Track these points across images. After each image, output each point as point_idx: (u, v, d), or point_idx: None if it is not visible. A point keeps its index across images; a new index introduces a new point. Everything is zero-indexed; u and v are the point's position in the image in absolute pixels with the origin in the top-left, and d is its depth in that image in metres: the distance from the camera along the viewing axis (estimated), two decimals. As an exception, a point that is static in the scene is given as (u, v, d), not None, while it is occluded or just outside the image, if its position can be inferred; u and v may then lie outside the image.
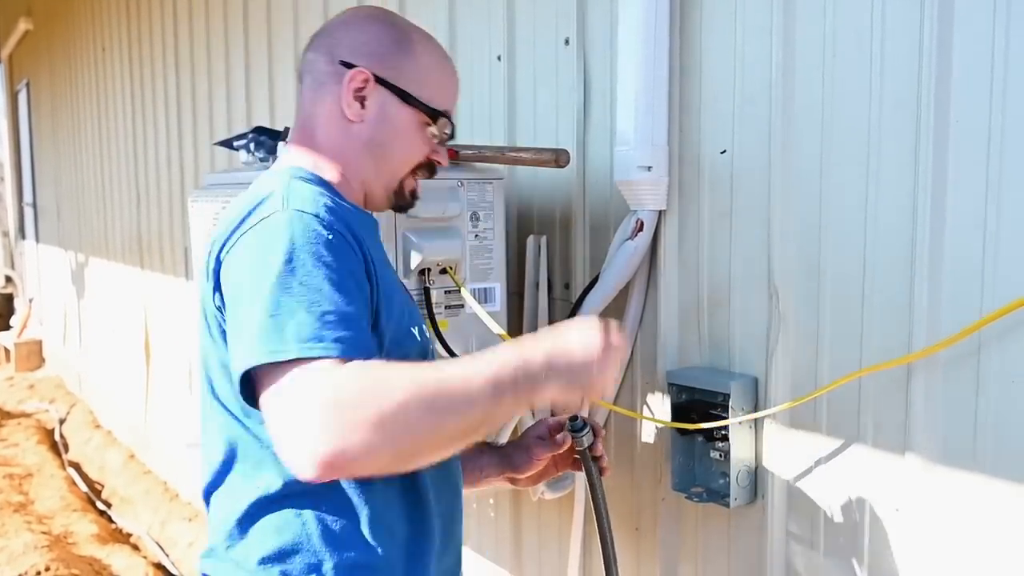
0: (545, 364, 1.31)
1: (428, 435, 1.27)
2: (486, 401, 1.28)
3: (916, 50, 1.56)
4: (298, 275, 1.30)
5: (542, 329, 1.46)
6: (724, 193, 1.93)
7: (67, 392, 9.08)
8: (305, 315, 1.27)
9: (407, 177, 1.64)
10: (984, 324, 1.46)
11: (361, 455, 1.21)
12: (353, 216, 1.49)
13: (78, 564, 4.79)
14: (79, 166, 8.23)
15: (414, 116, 1.60)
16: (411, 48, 1.61)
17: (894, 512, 1.65)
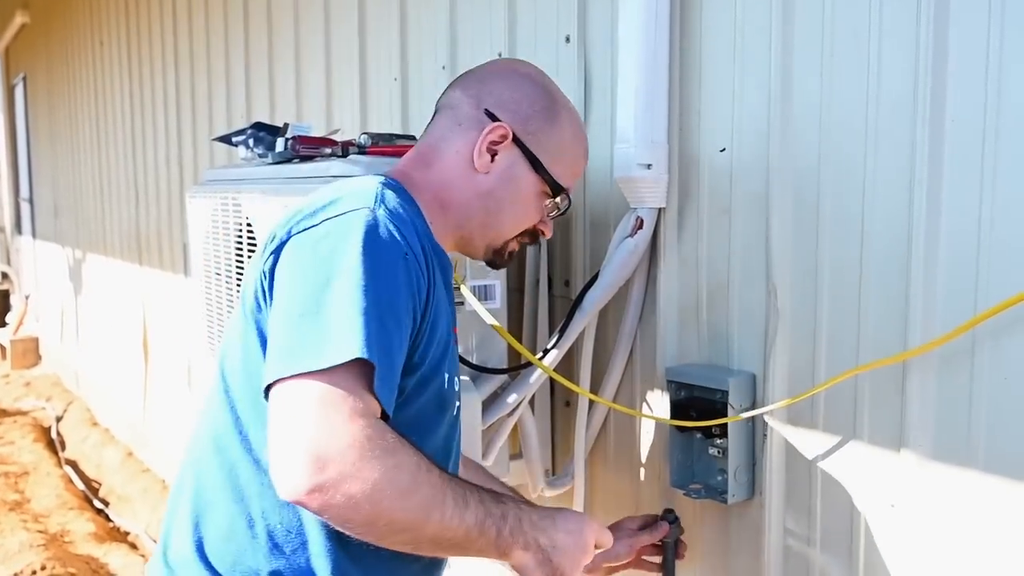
0: (535, 537, 1.42)
1: (404, 534, 1.30)
2: (465, 538, 1.34)
3: (913, 50, 1.60)
4: (363, 281, 1.29)
5: (549, 513, 1.49)
6: (723, 191, 1.96)
7: (64, 389, 9.11)
8: (358, 326, 1.26)
9: (512, 240, 1.70)
10: (978, 322, 1.50)
11: (342, 510, 1.23)
12: (429, 242, 1.49)
13: (74, 563, 4.82)
14: (77, 162, 8.25)
15: (538, 184, 1.65)
16: (556, 119, 1.67)
17: (889, 508, 1.68)
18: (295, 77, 3.93)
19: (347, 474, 1.21)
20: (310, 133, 2.39)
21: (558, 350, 2.14)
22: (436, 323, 1.45)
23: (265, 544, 1.43)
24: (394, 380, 1.33)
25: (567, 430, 2.41)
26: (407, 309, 1.35)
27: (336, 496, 1.21)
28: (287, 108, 4.02)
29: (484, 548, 1.37)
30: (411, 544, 1.32)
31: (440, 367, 1.50)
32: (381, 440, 1.25)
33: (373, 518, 1.25)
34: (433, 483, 1.30)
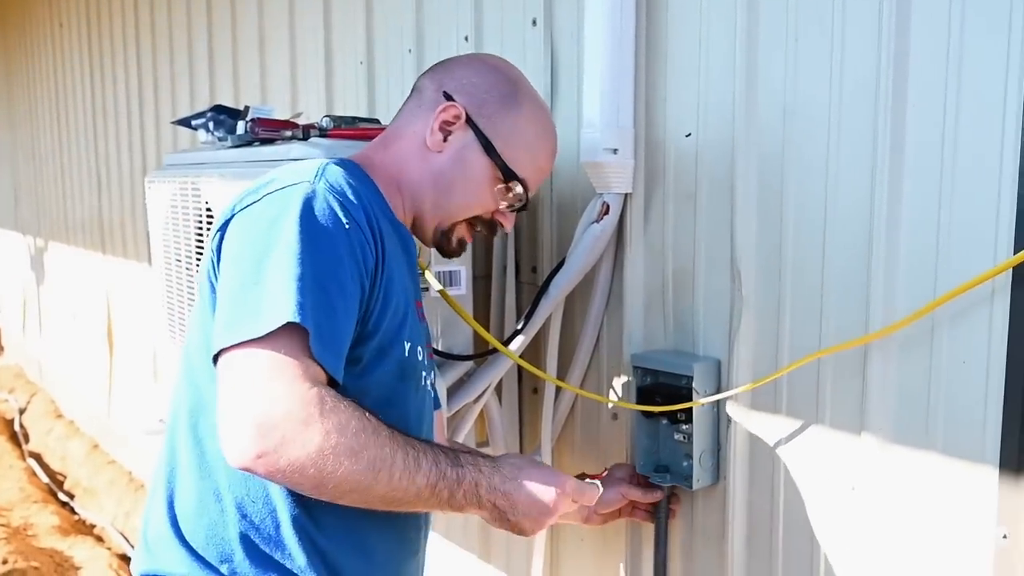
0: (491, 500, 1.45)
1: (353, 494, 1.34)
2: (416, 498, 1.38)
3: (875, 35, 1.63)
4: (300, 250, 1.33)
5: (515, 455, 1.56)
6: (689, 176, 1.99)
7: (27, 381, 9.04)
8: (291, 293, 1.30)
9: (461, 224, 1.70)
10: (936, 306, 1.54)
11: (288, 474, 1.28)
12: (384, 218, 1.54)
13: (38, 556, 4.79)
14: (36, 148, 8.17)
15: (489, 168, 1.66)
16: (515, 106, 1.68)
17: (850, 491, 1.73)
18: (259, 60, 3.91)
19: (289, 438, 1.26)
20: (272, 116, 2.38)
21: (524, 336, 2.17)
22: (389, 293, 1.48)
23: (234, 516, 1.47)
24: (338, 344, 1.36)
25: (534, 416, 2.44)
26: (352, 276, 1.39)
27: (280, 461, 1.26)
28: (251, 92, 4.01)
29: (438, 507, 1.42)
30: (363, 503, 1.36)
31: (399, 336, 1.53)
32: (323, 403, 1.29)
33: (320, 480, 1.29)
34: (381, 444, 1.33)
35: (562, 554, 2.46)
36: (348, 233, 1.39)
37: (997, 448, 1.50)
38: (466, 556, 2.81)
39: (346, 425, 1.30)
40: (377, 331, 1.47)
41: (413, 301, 1.64)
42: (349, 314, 1.39)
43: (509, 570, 2.65)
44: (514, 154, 1.68)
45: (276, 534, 1.47)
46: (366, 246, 1.42)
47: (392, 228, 1.58)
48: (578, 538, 2.39)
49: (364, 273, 1.41)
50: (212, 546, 1.48)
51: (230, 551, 1.47)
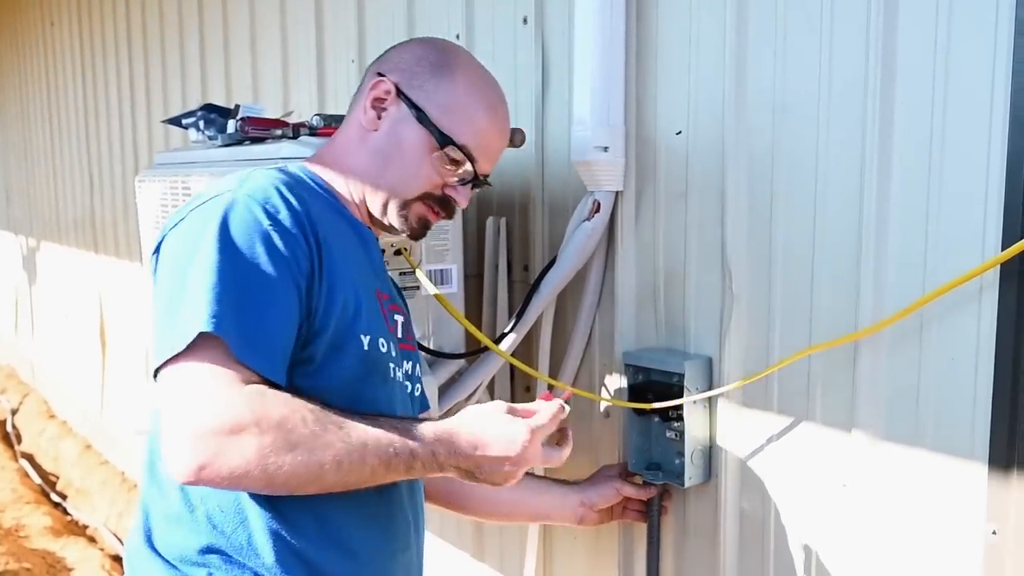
0: (453, 464, 1.41)
1: (308, 485, 1.34)
2: (372, 476, 1.37)
3: (864, 34, 1.64)
4: (217, 261, 1.34)
5: (473, 411, 1.48)
6: (679, 174, 2.00)
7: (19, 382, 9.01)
8: (206, 304, 1.31)
9: (415, 203, 1.64)
10: (925, 302, 1.54)
11: (233, 480, 1.29)
12: (331, 214, 1.54)
13: (30, 558, 4.77)
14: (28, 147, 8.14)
15: (426, 138, 1.60)
16: (448, 74, 1.63)
17: (841, 488, 1.74)
18: (251, 58, 3.90)
19: (225, 446, 1.27)
20: (262, 115, 2.37)
21: (516, 334, 2.17)
22: (335, 289, 1.47)
23: (206, 527, 1.46)
24: (268, 344, 1.36)
25: (527, 415, 2.43)
26: (282, 277, 1.38)
27: (222, 469, 1.27)
28: (243, 91, 3.99)
29: (401, 477, 1.41)
30: (324, 490, 1.35)
31: (353, 331, 1.51)
32: (252, 404, 1.29)
33: (268, 479, 1.30)
34: (320, 432, 1.32)
35: (555, 553, 2.46)
36: (271, 237, 1.39)
37: (986, 445, 1.51)
38: (459, 555, 2.81)
39: (280, 421, 1.29)
40: (326, 328, 1.46)
41: (373, 294, 1.61)
42: (283, 314, 1.38)
43: (503, 569, 2.66)
44: (449, 120, 1.61)
45: (249, 543, 1.45)
46: (296, 247, 1.41)
47: (344, 223, 1.58)
48: (571, 537, 2.39)
49: (297, 272, 1.40)
50: (187, 559, 1.47)
51: (204, 562, 1.46)
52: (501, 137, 1.71)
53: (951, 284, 1.51)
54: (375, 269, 1.66)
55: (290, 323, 1.39)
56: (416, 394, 1.74)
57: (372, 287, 1.61)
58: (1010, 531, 1.49)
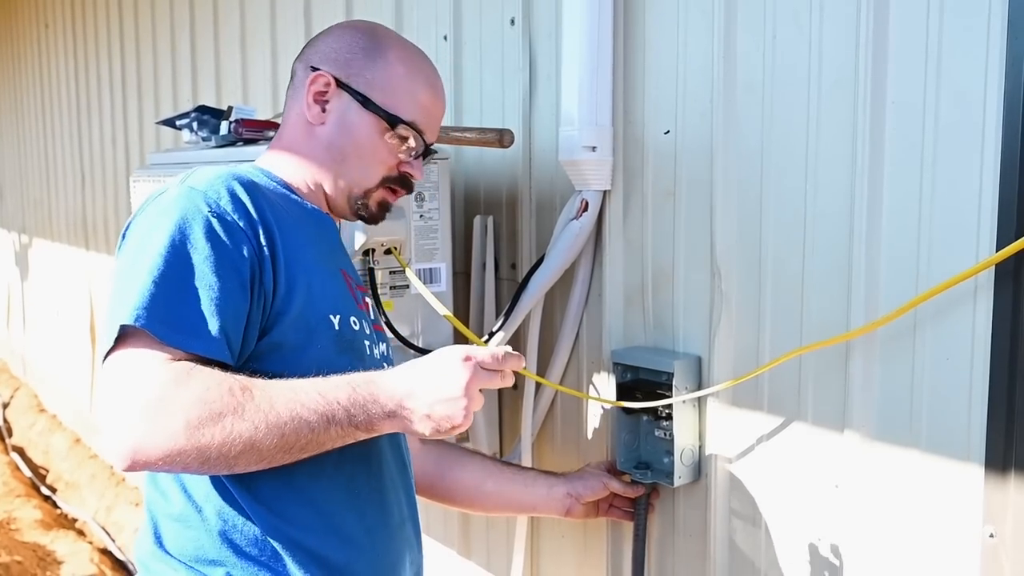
0: (398, 403, 1.33)
1: (247, 455, 1.28)
2: (314, 437, 1.30)
3: (854, 32, 1.59)
4: (167, 254, 1.33)
5: (409, 363, 1.38)
6: (668, 173, 1.95)
7: (11, 376, 8.95)
8: (136, 297, 1.30)
9: (376, 190, 1.63)
10: (919, 303, 1.49)
11: (169, 459, 1.25)
12: (278, 201, 1.51)
13: (21, 550, 4.73)
14: (22, 145, 8.09)
15: (375, 123, 1.59)
16: (382, 56, 1.61)
17: (833, 488, 1.68)
18: (241, 59, 3.86)
19: (151, 427, 1.24)
20: (254, 116, 2.36)
21: (504, 333, 2.12)
22: (293, 270, 1.44)
23: (216, 524, 1.44)
24: (197, 326, 1.32)
25: (514, 413, 2.39)
26: (222, 263, 1.36)
27: (153, 450, 1.23)
28: (233, 91, 3.95)
29: (344, 436, 1.34)
30: (267, 462, 1.30)
31: (319, 311, 1.48)
32: (176, 383, 1.25)
33: (201, 454, 1.25)
34: (247, 400, 1.27)
35: (543, 550, 2.40)
36: (211, 224, 1.37)
37: (982, 446, 1.45)
38: (446, 552, 2.75)
39: (203, 393, 1.25)
40: (288, 310, 1.43)
41: (339, 273, 1.59)
42: (221, 295, 1.34)
43: (489, 567, 2.60)
44: (393, 100, 1.60)
45: (260, 537, 1.43)
46: (236, 233, 1.39)
47: (298, 209, 1.56)
48: (559, 534, 2.34)
49: (238, 258, 1.37)
50: (203, 558, 1.44)
51: (221, 560, 1.43)
52: (441, 105, 1.70)
53: (945, 284, 1.45)
54: (336, 251, 1.65)
55: (230, 303, 1.35)
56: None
57: (336, 267, 1.60)
58: (1008, 533, 1.43)
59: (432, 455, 1.94)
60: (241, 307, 1.37)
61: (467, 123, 2.49)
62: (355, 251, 1.98)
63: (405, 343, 2.07)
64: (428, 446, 1.95)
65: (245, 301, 1.37)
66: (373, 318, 1.67)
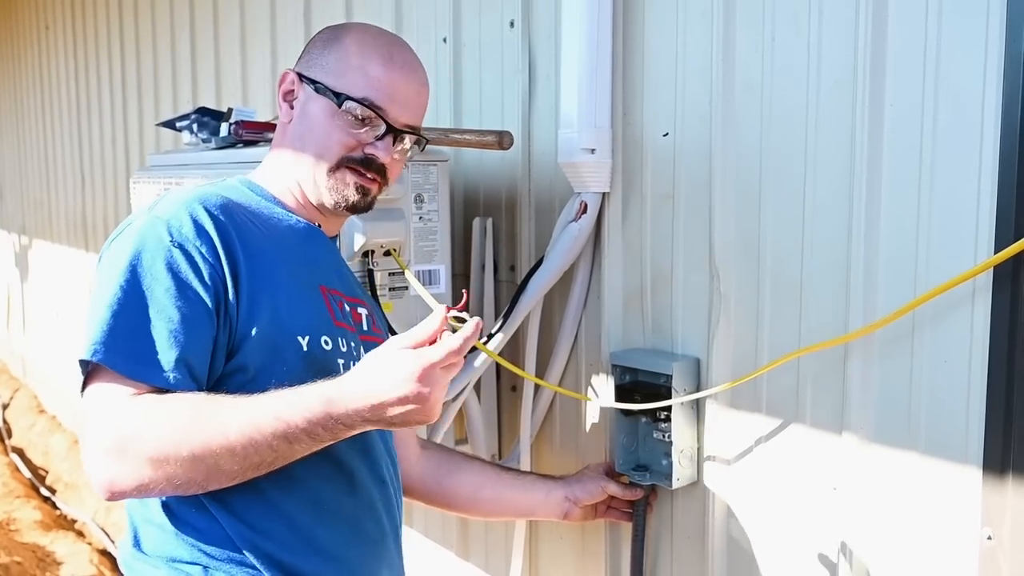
0: (362, 419, 1.31)
1: (216, 477, 1.32)
2: (276, 456, 1.32)
3: (852, 34, 1.58)
4: (113, 291, 1.35)
5: (361, 372, 1.34)
6: (667, 175, 1.94)
7: (11, 377, 8.93)
8: (95, 332, 1.33)
9: (339, 170, 1.58)
10: (917, 305, 1.48)
11: (136, 488, 1.30)
12: (255, 220, 1.52)
13: (20, 551, 4.73)
14: (22, 147, 8.07)
15: (327, 105, 1.57)
16: (337, 43, 1.60)
17: (831, 490, 1.67)
18: (241, 60, 3.85)
19: (118, 465, 1.29)
20: (254, 118, 2.36)
21: (503, 334, 2.11)
22: (257, 293, 1.44)
23: (190, 532, 1.45)
24: (156, 357, 1.34)
25: (513, 414, 2.38)
26: (183, 291, 1.37)
27: (125, 486, 1.30)
28: (233, 92, 3.95)
29: (312, 448, 1.34)
30: (237, 479, 1.33)
31: (286, 333, 1.46)
32: (133, 420, 1.30)
33: (169, 482, 1.30)
34: (203, 424, 1.30)
35: (541, 552, 2.40)
36: (172, 255, 1.39)
37: (980, 448, 1.44)
38: (444, 554, 2.74)
39: (162, 431, 1.29)
40: (249, 333, 1.42)
41: (316, 290, 1.57)
42: (182, 323, 1.36)
43: (488, 568, 2.59)
44: (343, 79, 1.56)
45: (233, 547, 1.45)
46: (198, 261, 1.40)
47: (281, 225, 1.57)
48: (558, 537, 2.33)
49: (200, 284, 1.39)
50: (179, 558, 1.46)
51: (196, 560, 1.45)
52: (406, 80, 1.60)
53: (944, 286, 1.45)
54: (319, 266, 1.61)
55: (192, 332, 1.37)
56: None
57: (314, 284, 1.57)
58: (1006, 536, 1.43)
59: (431, 461, 1.93)
60: (205, 334, 1.39)
61: (466, 125, 2.48)
62: (354, 252, 1.98)
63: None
64: (427, 452, 1.94)
65: (210, 328, 1.39)
66: (366, 329, 1.64)
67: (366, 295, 1.79)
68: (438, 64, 2.56)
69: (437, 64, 2.56)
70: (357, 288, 1.74)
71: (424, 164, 2.14)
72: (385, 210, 2.04)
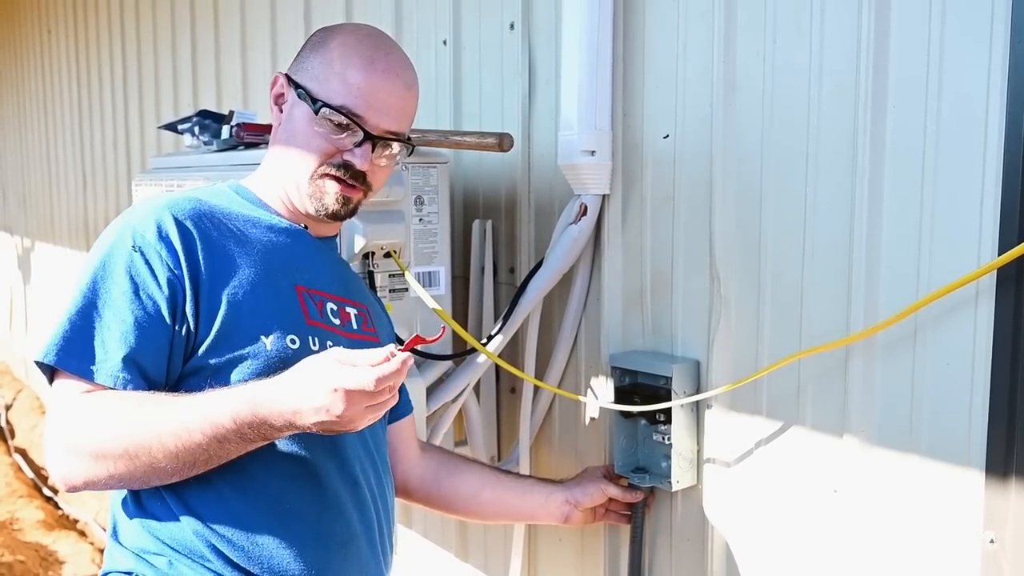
0: (287, 422, 1.31)
1: (152, 475, 1.37)
2: (208, 451, 1.35)
3: (855, 36, 1.56)
4: (89, 288, 1.41)
5: (290, 371, 1.33)
6: (667, 178, 1.92)
7: (13, 378, 8.90)
8: (57, 334, 1.39)
9: (321, 178, 1.56)
10: (919, 307, 1.46)
11: (85, 482, 1.38)
12: (231, 223, 1.53)
13: (23, 550, 4.71)
14: (24, 149, 8.06)
15: (308, 111, 1.55)
16: (323, 47, 1.58)
17: (832, 493, 1.65)
18: (241, 62, 3.84)
19: (69, 463, 1.37)
20: (255, 120, 2.34)
21: (503, 336, 2.09)
22: (217, 294, 1.45)
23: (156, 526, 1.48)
24: (108, 357, 1.39)
25: (512, 416, 2.36)
26: (144, 298, 1.42)
27: (77, 481, 1.37)
28: (233, 94, 3.93)
29: (244, 449, 1.37)
30: (178, 477, 1.38)
31: (247, 332, 1.46)
32: (79, 421, 1.37)
33: (118, 479, 1.37)
34: (141, 421, 1.35)
35: (540, 554, 2.37)
36: (132, 260, 1.43)
37: (983, 451, 1.42)
38: (443, 555, 2.72)
39: (102, 431, 1.35)
40: (207, 335, 1.44)
41: (291, 290, 1.55)
42: (135, 325, 1.40)
43: (487, 570, 2.57)
44: (324, 86, 1.54)
45: (190, 541, 1.46)
46: (160, 268, 1.43)
47: (260, 226, 1.57)
48: (557, 538, 2.31)
49: (158, 291, 1.42)
50: (147, 550, 1.49)
51: (160, 552, 1.48)
52: (388, 85, 1.56)
53: (946, 289, 1.42)
54: (299, 267, 1.59)
55: (144, 333, 1.41)
56: None
57: (289, 284, 1.56)
58: (1008, 539, 1.40)
59: (430, 464, 1.91)
60: (159, 335, 1.42)
61: (466, 127, 2.46)
62: (354, 254, 1.96)
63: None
64: (427, 454, 1.92)
65: (164, 329, 1.42)
66: (356, 328, 1.63)
67: (365, 295, 1.77)
68: (438, 66, 2.54)
69: (437, 66, 2.54)
70: (353, 289, 1.72)
71: (424, 166, 2.12)
72: (385, 212, 2.02)
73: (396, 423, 1.81)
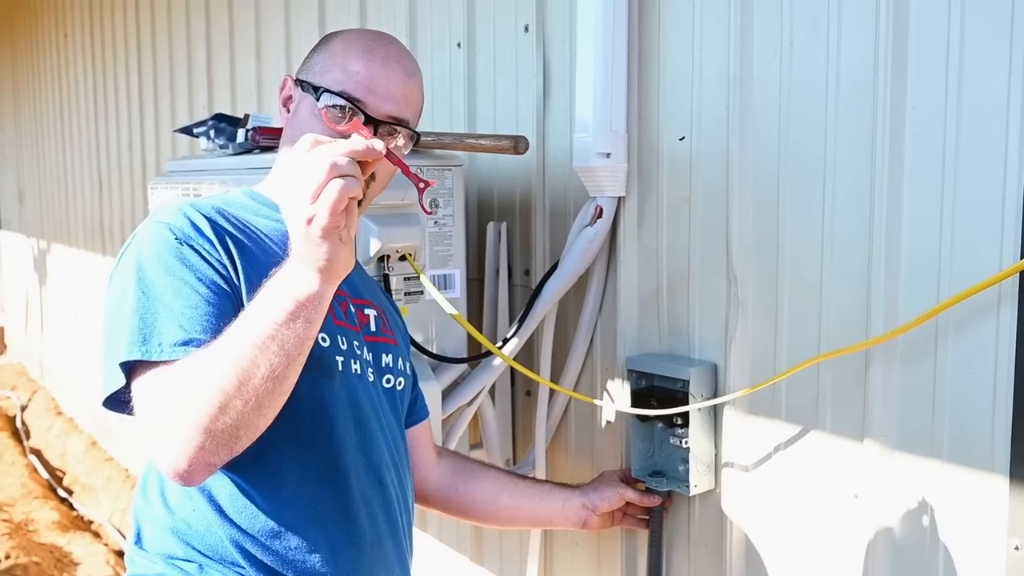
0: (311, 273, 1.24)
1: (258, 412, 1.26)
2: (274, 366, 1.24)
3: (873, 38, 1.54)
4: (143, 285, 1.37)
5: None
6: (683, 180, 1.90)
7: (29, 379, 8.93)
8: (138, 321, 1.34)
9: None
10: (940, 311, 1.44)
11: (207, 463, 1.28)
12: (248, 222, 1.52)
13: (39, 552, 4.71)
14: (41, 152, 8.09)
15: (311, 102, 1.55)
16: (327, 45, 1.60)
17: (852, 498, 1.62)
18: (256, 67, 3.83)
19: (170, 444, 1.27)
20: (271, 124, 2.33)
21: (518, 339, 2.08)
22: (251, 286, 1.40)
23: (186, 531, 1.47)
24: (174, 338, 1.33)
25: (528, 419, 2.35)
26: (199, 274, 1.39)
27: (182, 461, 1.27)
28: (248, 98, 3.93)
29: (305, 339, 1.27)
30: (270, 409, 1.28)
31: None
32: (163, 396, 1.30)
33: (215, 438, 1.26)
34: (208, 370, 1.26)
35: (556, 559, 2.35)
36: (180, 250, 1.40)
37: (1007, 456, 1.40)
38: (458, 559, 2.71)
39: (180, 390, 1.27)
40: None
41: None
42: (207, 306, 1.37)
43: (502, 574, 2.55)
44: (326, 77, 1.55)
45: (221, 546, 1.45)
46: (205, 249, 1.42)
47: (273, 226, 1.54)
48: (572, 542, 2.29)
49: (214, 272, 1.40)
50: (176, 555, 1.48)
51: (190, 557, 1.47)
52: (387, 71, 1.55)
53: (968, 292, 1.40)
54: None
55: (211, 310, 1.37)
56: (398, 388, 1.67)
57: None
58: (1033, 546, 1.38)
59: (447, 469, 1.89)
60: (225, 309, 1.38)
61: (481, 130, 2.45)
62: (369, 257, 1.94)
63: (420, 349, 2.04)
64: (443, 460, 1.90)
65: (230, 302, 1.39)
66: (374, 330, 1.63)
67: (381, 298, 1.77)
68: (452, 69, 2.53)
69: (451, 69, 2.53)
70: (367, 291, 1.71)
71: (439, 169, 2.10)
72: (400, 215, 2.00)
73: (413, 427, 1.79)
